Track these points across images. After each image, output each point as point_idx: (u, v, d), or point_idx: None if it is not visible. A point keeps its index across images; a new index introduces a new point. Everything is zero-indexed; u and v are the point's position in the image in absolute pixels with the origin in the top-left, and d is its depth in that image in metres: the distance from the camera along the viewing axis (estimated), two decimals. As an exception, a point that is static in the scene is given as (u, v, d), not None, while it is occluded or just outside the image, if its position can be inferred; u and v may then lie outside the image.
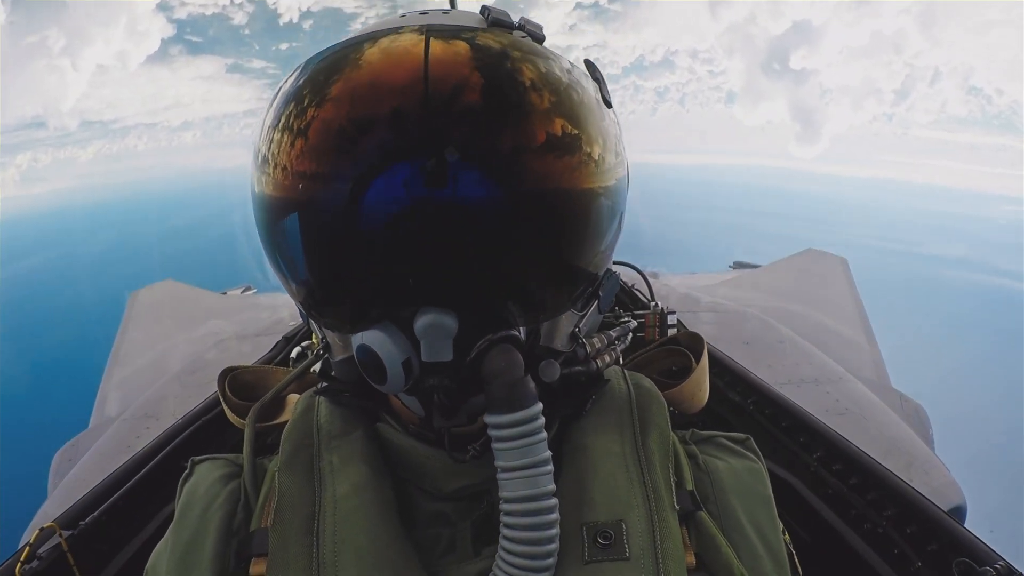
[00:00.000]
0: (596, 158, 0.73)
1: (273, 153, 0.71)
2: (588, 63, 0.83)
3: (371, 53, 0.69)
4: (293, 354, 2.24)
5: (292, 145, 0.69)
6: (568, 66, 0.76)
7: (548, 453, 0.71)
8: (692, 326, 2.82)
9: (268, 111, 0.75)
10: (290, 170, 0.69)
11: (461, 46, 0.68)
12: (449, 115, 0.65)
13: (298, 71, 0.74)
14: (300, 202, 0.70)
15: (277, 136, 0.71)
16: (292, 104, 0.71)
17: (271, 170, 0.71)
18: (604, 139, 0.75)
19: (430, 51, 0.67)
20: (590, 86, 0.78)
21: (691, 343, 1.22)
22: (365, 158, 0.65)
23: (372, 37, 0.71)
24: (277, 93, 0.75)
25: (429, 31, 0.69)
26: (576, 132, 0.70)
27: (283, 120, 0.71)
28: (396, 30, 0.71)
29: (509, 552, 0.71)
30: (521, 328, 0.74)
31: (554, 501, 0.71)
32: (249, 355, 3.98)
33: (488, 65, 0.68)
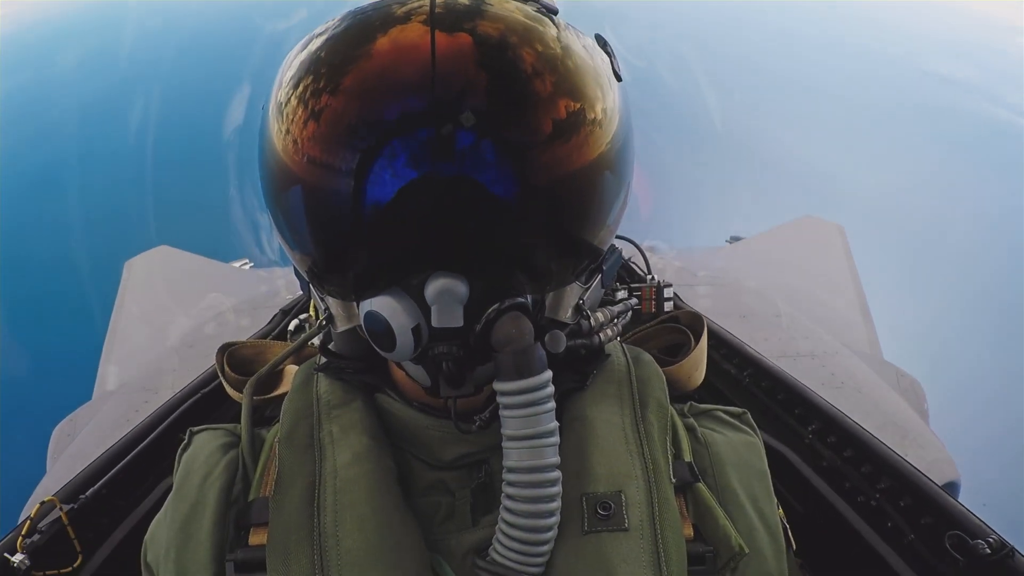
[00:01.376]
0: (604, 134, 0.72)
1: (287, 115, 0.70)
2: (598, 37, 0.82)
3: (382, 43, 0.68)
4: (291, 327, 2.26)
5: (305, 124, 0.68)
6: (580, 39, 0.75)
7: (555, 424, 0.71)
8: (689, 299, 2.82)
9: (294, 57, 0.73)
10: (301, 146, 0.68)
11: (464, 39, 0.67)
12: (457, 102, 0.64)
13: (323, 36, 0.72)
14: (309, 182, 0.69)
15: (294, 102, 0.70)
16: (310, 77, 0.69)
17: (283, 132, 0.70)
18: (612, 113, 0.73)
19: (436, 45, 0.65)
20: (601, 60, 0.76)
21: (692, 322, 1.22)
22: (379, 131, 0.65)
23: (385, 24, 0.69)
24: (306, 46, 0.73)
25: (435, 21, 0.67)
26: (583, 109, 0.70)
27: (300, 88, 0.70)
28: (405, 18, 0.69)
29: (510, 524, 0.72)
30: (528, 297, 0.74)
31: (557, 474, 0.72)
32: (248, 328, 3.98)
33: (492, 57, 0.67)
